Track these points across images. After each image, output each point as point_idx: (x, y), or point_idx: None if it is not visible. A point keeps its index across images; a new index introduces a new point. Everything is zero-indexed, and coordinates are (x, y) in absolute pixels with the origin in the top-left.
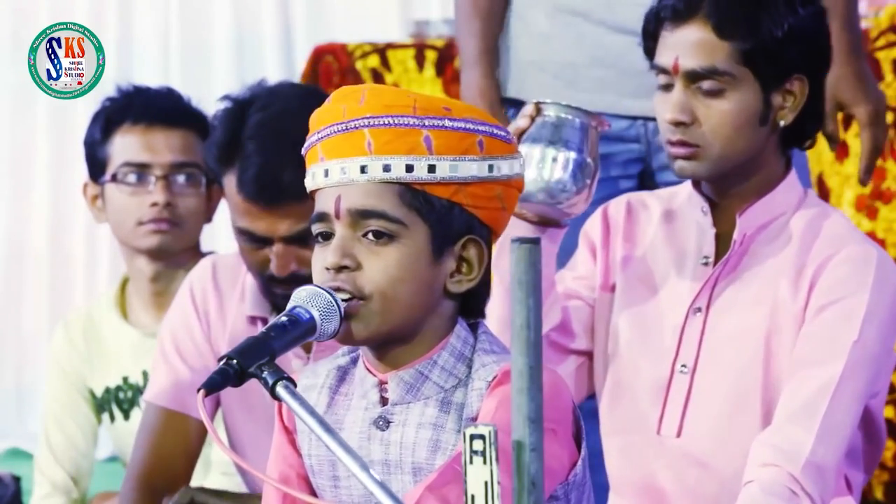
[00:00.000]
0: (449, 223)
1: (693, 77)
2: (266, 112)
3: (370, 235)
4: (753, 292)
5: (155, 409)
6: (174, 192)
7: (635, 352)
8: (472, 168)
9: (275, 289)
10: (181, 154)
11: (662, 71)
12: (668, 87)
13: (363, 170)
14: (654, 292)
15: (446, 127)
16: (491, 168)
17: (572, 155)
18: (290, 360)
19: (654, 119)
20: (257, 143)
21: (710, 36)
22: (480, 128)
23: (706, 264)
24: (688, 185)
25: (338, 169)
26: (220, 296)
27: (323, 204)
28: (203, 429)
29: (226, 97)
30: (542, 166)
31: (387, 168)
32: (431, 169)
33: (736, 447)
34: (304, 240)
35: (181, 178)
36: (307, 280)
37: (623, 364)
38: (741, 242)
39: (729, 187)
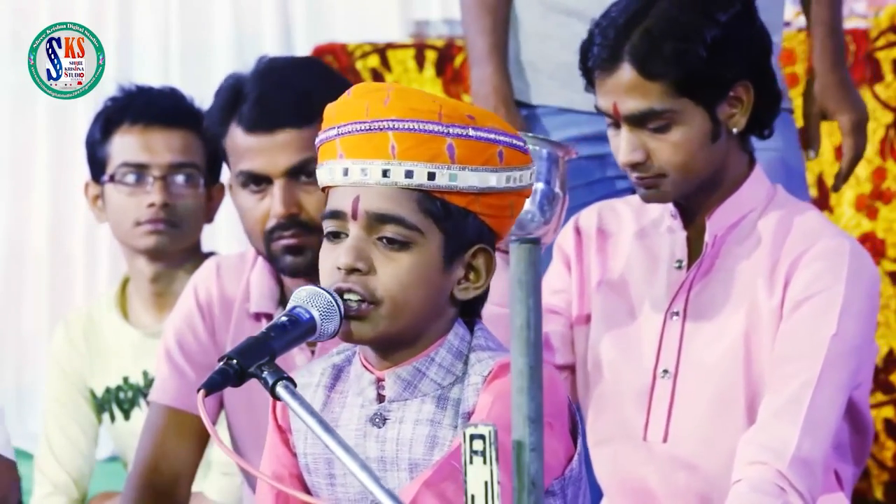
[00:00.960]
0: (463, 231)
1: (635, 120)
2: (265, 64)
3: (385, 240)
4: (729, 293)
5: (159, 408)
6: (172, 193)
7: (617, 361)
8: (491, 179)
9: (277, 242)
10: (180, 154)
11: (606, 114)
12: (616, 125)
13: (385, 173)
14: (630, 300)
15: (470, 136)
16: (509, 179)
17: (539, 186)
18: (294, 356)
19: None
20: (255, 81)
21: (638, 79)
22: (501, 139)
23: (680, 268)
24: None
25: (358, 169)
26: (224, 295)
27: (338, 202)
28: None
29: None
30: None
31: (409, 174)
32: (453, 178)
33: (722, 448)
34: (303, 175)
35: (179, 179)
36: (308, 226)
37: (605, 374)
38: (713, 244)
39: (699, 200)
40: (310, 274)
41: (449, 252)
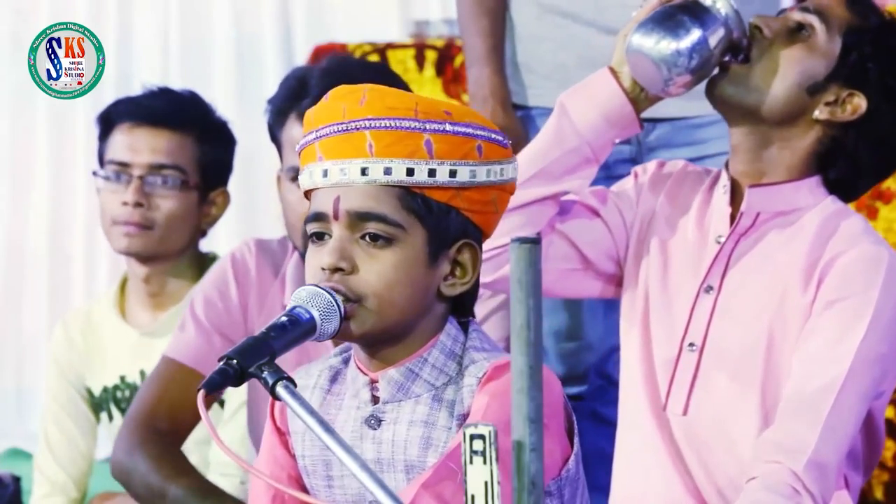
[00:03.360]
0: (446, 227)
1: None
2: (333, 62)
3: (368, 238)
4: (764, 278)
5: (171, 362)
6: (148, 193)
7: (653, 323)
8: (470, 173)
9: None
10: (163, 156)
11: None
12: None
13: (364, 172)
14: (676, 267)
15: (447, 131)
16: (489, 173)
17: (699, 34)
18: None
19: (645, 120)
20: (321, 77)
21: None
22: (479, 133)
23: (720, 243)
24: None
25: (337, 170)
26: (263, 275)
27: (320, 204)
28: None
29: None
30: (670, 29)
31: (388, 171)
32: (431, 173)
33: (735, 431)
34: None
35: (158, 180)
36: None
37: (643, 334)
38: (753, 221)
39: (751, 168)
40: None
41: (433, 248)
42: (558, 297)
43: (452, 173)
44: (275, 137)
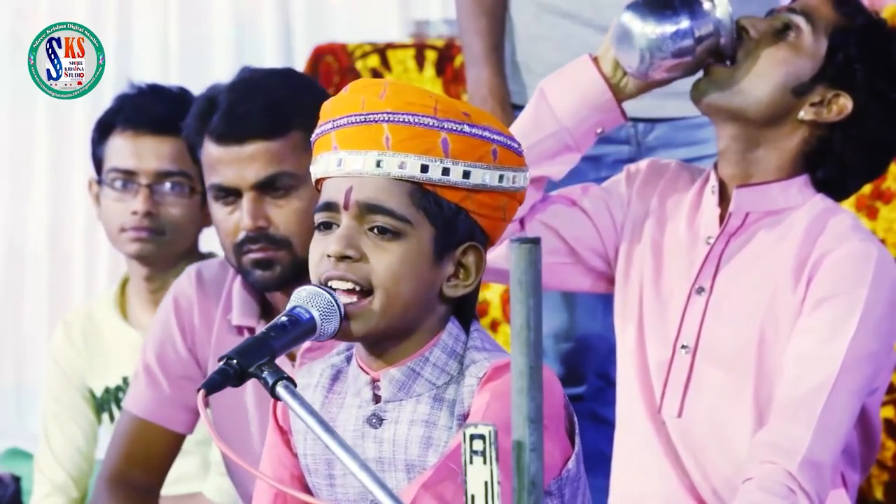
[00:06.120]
0: (454, 227)
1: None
2: (240, 75)
3: (376, 230)
4: (755, 278)
5: (130, 416)
6: (157, 201)
7: (647, 325)
8: (484, 176)
9: (246, 255)
10: (169, 162)
11: None
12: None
13: (378, 164)
14: (666, 267)
15: (464, 132)
16: (501, 178)
17: (687, 23)
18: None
19: (644, 120)
20: (228, 92)
21: None
22: (496, 137)
23: (709, 244)
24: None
25: (351, 160)
26: (206, 304)
27: (331, 193)
28: (177, 440)
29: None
30: (659, 11)
31: (402, 165)
32: (445, 172)
33: (730, 432)
34: (272, 190)
35: (167, 187)
36: (277, 240)
37: (637, 336)
38: (742, 222)
39: (740, 168)
40: (280, 288)
41: (439, 247)
42: (549, 290)
43: (466, 174)
44: (195, 158)
